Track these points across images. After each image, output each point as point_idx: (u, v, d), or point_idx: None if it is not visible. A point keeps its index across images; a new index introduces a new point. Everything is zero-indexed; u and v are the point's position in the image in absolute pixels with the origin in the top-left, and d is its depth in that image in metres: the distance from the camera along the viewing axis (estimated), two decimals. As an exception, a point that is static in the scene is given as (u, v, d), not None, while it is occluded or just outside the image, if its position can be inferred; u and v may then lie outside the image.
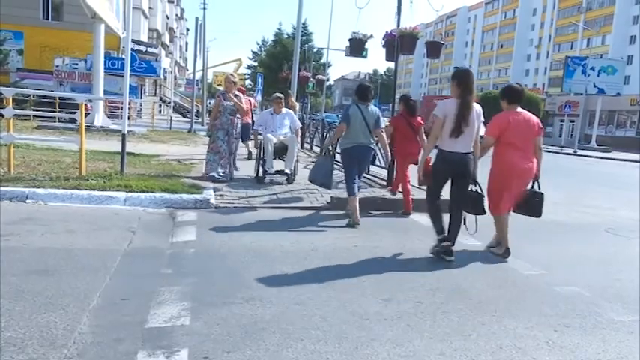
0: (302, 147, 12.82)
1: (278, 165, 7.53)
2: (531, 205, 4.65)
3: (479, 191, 4.41)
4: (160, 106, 35.07)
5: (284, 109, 7.90)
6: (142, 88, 31.18)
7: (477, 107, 4.24)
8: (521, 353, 2.53)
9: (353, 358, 2.36)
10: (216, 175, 7.01)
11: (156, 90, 38.89)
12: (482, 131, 4.32)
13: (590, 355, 2.57)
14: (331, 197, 6.32)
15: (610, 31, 57.21)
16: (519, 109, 4.48)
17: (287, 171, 7.32)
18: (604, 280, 3.96)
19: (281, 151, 7.52)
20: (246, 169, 8.30)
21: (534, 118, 4.51)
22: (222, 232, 4.68)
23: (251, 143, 9.46)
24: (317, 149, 13.39)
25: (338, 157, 6.19)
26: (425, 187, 4.65)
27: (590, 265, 4.47)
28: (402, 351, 2.47)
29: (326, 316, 2.83)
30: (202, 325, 2.60)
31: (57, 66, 21.03)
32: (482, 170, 4.48)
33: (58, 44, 23.50)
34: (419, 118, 6.50)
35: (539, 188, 4.66)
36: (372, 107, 5.57)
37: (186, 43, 72.88)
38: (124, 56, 7.14)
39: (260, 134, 7.63)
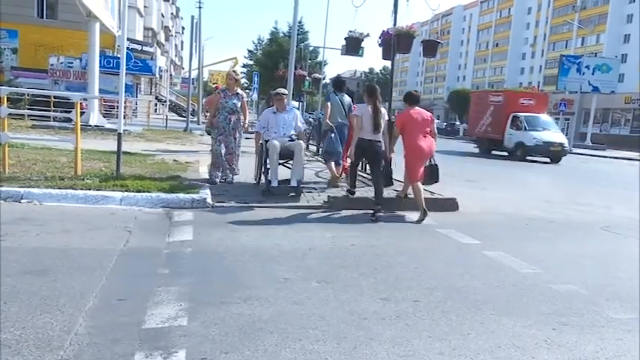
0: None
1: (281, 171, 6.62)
2: (431, 174, 6.37)
3: (388, 169, 6.38)
4: (156, 104, 34.94)
5: (288, 107, 7.04)
6: (137, 86, 31.10)
7: (382, 110, 6.11)
8: (519, 352, 2.53)
9: (352, 358, 2.35)
10: (216, 180, 6.78)
11: (151, 89, 38.78)
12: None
13: (589, 353, 2.57)
14: (328, 196, 6.32)
15: (604, 29, 57.46)
16: (417, 107, 6.32)
17: (294, 183, 6.37)
18: (601, 279, 3.97)
19: (286, 155, 6.62)
20: (247, 170, 7.51)
21: (427, 113, 6.42)
22: (219, 231, 4.66)
23: None
24: (312, 147, 13.37)
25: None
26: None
27: (587, 264, 4.48)
28: (401, 351, 2.46)
29: (324, 316, 2.82)
30: (200, 326, 2.59)
31: (52, 64, 20.89)
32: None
33: (52, 43, 23.37)
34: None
35: (434, 162, 6.40)
36: (347, 97, 7.62)
37: (182, 42, 72.72)
38: (119, 55, 7.08)
39: (266, 140, 6.60)
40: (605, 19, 57.82)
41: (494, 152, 20.45)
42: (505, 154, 19.72)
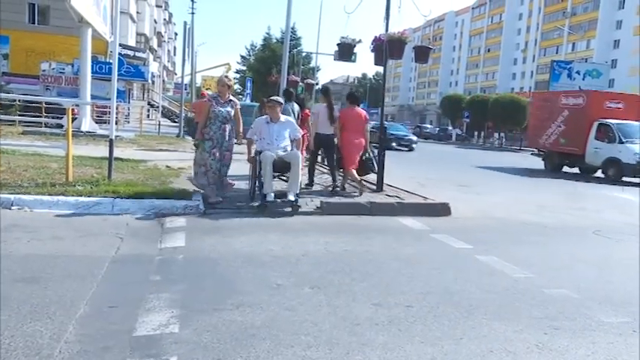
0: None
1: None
2: (366, 166, 7.47)
3: (339, 155, 7.40)
4: (149, 110, 34.82)
5: (283, 117, 6.44)
6: (129, 92, 31.01)
7: (335, 108, 7.44)
8: (511, 356, 2.53)
9: (344, 364, 2.35)
10: (218, 199, 6.07)
11: (144, 94, 38.67)
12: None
13: (580, 357, 2.58)
14: (321, 202, 6.32)
15: (594, 35, 58.16)
16: (356, 107, 7.55)
17: (291, 197, 5.93)
18: (593, 283, 4.00)
19: (281, 168, 6.28)
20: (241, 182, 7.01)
21: (363, 112, 7.57)
22: (211, 237, 4.64)
23: None
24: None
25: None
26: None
27: (579, 268, 4.51)
28: (393, 356, 2.46)
29: (317, 322, 2.82)
30: (192, 333, 2.57)
31: (43, 70, 20.80)
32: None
33: (44, 48, 23.29)
34: (307, 110, 8.69)
35: (369, 155, 7.51)
36: (296, 105, 8.16)
37: (175, 48, 72.69)
38: (111, 60, 7.03)
39: (259, 151, 6.15)
40: (595, 25, 58.53)
41: (566, 169, 16.76)
42: (575, 170, 16.56)
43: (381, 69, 8.38)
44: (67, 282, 3.18)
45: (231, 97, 6.27)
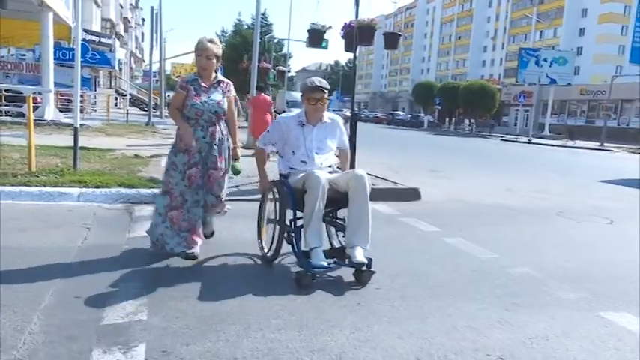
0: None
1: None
2: None
3: None
4: (116, 98, 33.96)
5: (327, 115, 3.71)
6: (95, 80, 30.16)
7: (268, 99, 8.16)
8: (474, 332, 2.63)
9: (312, 345, 2.39)
10: (167, 248, 3.62)
11: (111, 82, 37.67)
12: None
13: (538, 331, 2.69)
14: (292, 188, 6.31)
15: (561, 23, 59.54)
16: (262, 94, 10.03)
17: (360, 256, 3.31)
18: (554, 262, 4.15)
19: (333, 202, 3.50)
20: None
21: (268, 98, 9.98)
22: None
23: None
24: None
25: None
26: None
27: (542, 248, 4.67)
28: (361, 335, 2.51)
29: (286, 305, 2.85)
30: (161, 320, 2.57)
31: (2, 57, 20.02)
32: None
33: (2, 34, 22.28)
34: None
35: None
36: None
37: (142, 34, 70.79)
38: (74, 46, 6.78)
39: (284, 175, 3.70)
40: (562, 13, 59.86)
41: None
42: None
43: (352, 56, 8.38)
44: (31, 274, 3.12)
45: (221, 77, 3.79)
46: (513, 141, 31.43)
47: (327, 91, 3.57)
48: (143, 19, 67.94)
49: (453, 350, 2.41)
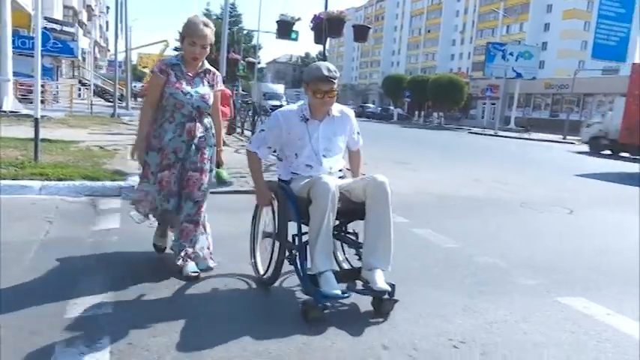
0: (232, 132, 12.57)
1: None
2: (230, 127, 9.24)
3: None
4: (80, 89, 32.91)
5: (337, 107, 3.05)
6: (58, 69, 29.13)
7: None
8: (439, 319, 2.70)
9: (278, 335, 2.40)
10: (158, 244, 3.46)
11: (74, 72, 36.45)
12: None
13: (499, 316, 2.79)
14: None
15: (527, 18, 60.89)
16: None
17: (381, 283, 2.70)
18: (517, 251, 4.29)
19: (345, 213, 2.89)
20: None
21: (228, 90, 9.33)
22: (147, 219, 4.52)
23: None
24: (248, 133, 13.22)
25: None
26: None
27: (506, 238, 4.82)
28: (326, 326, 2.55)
29: (254, 297, 2.85)
30: (126, 313, 2.53)
31: (-43, 45, 19.04)
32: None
33: (-44, 20, 21.24)
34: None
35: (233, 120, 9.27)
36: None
37: (107, 23, 68.67)
38: (34, 35, 6.50)
39: (284, 180, 3.05)
40: (528, 9, 61.22)
41: None
42: None
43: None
44: (-10, 268, 3.02)
45: (208, 66, 3.21)
46: (481, 134, 32.11)
47: (336, 80, 2.88)
48: (107, 7, 65.90)
49: (418, 337, 2.47)
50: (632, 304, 3.09)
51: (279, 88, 39.22)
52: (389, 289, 2.67)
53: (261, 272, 3.08)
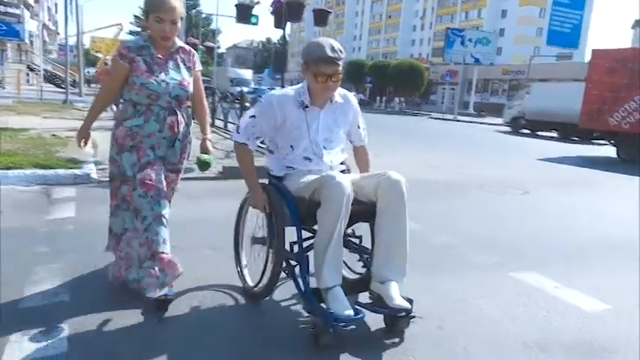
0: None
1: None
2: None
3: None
4: (28, 74, 31.37)
5: (339, 93, 2.68)
6: (2, 53, 27.65)
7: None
8: (398, 297, 2.77)
9: (244, 324, 2.42)
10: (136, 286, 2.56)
11: (21, 56, 34.64)
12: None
13: (458, 294, 2.92)
14: (223, 167, 6.25)
15: (485, 4, 62.10)
16: None
17: (398, 298, 2.30)
18: (473, 231, 4.45)
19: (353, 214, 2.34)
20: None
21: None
22: (104, 207, 4.36)
23: None
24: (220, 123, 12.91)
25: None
26: None
27: (463, 219, 4.99)
28: (293, 310, 2.58)
29: (216, 279, 2.85)
30: (84, 300, 2.48)
31: None
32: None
33: None
34: None
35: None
36: None
37: (56, 5, 65.40)
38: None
39: (277, 177, 2.64)
40: (486, -5, 62.43)
41: None
42: None
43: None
44: None
45: (181, 44, 2.70)
46: (440, 119, 32.77)
47: (341, 62, 2.43)
48: (57, -12, 62.69)
49: (380, 316, 2.53)
50: (579, 279, 3.28)
51: (247, 73, 38.61)
52: (409, 306, 2.27)
53: (251, 284, 2.68)
